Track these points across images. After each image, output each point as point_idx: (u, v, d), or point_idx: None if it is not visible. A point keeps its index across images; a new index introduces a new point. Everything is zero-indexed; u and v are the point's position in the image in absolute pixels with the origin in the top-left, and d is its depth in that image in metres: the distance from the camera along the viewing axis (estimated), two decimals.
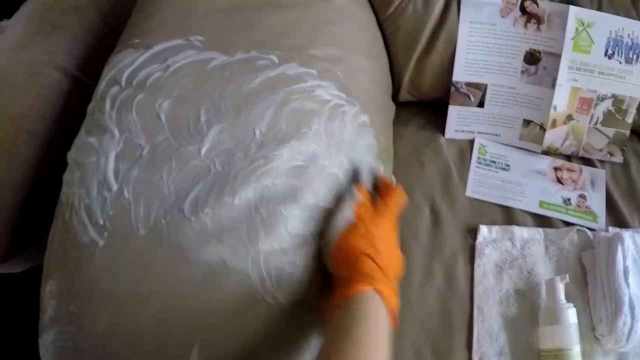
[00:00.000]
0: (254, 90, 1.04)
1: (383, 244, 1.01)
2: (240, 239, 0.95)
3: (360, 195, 1.06)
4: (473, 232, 1.39)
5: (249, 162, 0.98)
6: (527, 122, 1.52)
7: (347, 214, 1.04)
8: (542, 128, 1.51)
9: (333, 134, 1.09)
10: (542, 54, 1.47)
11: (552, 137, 1.52)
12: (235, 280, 0.95)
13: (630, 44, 1.47)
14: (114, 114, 0.99)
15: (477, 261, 1.36)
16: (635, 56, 1.48)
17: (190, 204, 0.93)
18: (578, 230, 1.39)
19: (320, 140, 1.06)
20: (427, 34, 1.46)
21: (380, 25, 1.48)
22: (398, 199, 1.10)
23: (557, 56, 1.45)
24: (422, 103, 1.59)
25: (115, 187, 0.93)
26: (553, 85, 1.47)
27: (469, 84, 1.49)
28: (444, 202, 1.44)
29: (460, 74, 1.48)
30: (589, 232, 1.39)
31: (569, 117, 1.51)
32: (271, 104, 1.03)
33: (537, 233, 1.41)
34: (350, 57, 1.25)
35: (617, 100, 1.50)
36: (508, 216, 1.44)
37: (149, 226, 0.92)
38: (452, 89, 1.50)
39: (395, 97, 1.55)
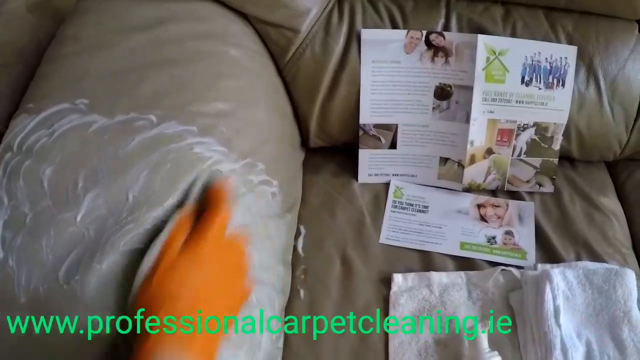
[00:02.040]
0: (131, 152, 0.88)
1: (195, 278, 0.75)
2: (107, 307, 0.80)
3: (177, 217, 0.82)
4: (387, 282, 1.11)
5: (119, 227, 0.83)
6: (444, 160, 1.22)
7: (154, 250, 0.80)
8: (461, 165, 1.21)
9: None
10: (453, 88, 1.17)
11: (473, 174, 1.22)
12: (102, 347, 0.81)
13: (549, 68, 1.18)
14: (4, 181, 0.88)
15: (392, 312, 1.08)
16: (555, 80, 1.19)
17: (65, 272, 0.81)
18: (503, 270, 1.10)
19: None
20: (329, 77, 1.17)
21: (280, 72, 1.20)
22: (223, 208, 0.83)
23: (470, 89, 1.15)
24: (334, 148, 1.30)
25: (1, 255, 0.83)
26: (468, 120, 1.17)
27: (377, 126, 1.20)
28: (357, 252, 1.15)
29: (367, 117, 1.19)
30: (515, 272, 1.10)
31: (489, 151, 1.21)
32: (147, 166, 0.88)
33: (459, 277, 1.11)
34: (240, 110, 1.04)
35: (541, 128, 1.20)
36: (426, 262, 1.15)
37: (29, 294, 0.81)
38: (361, 132, 1.20)
39: (305, 143, 1.28)
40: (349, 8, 1.18)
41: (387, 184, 1.24)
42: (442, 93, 1.17)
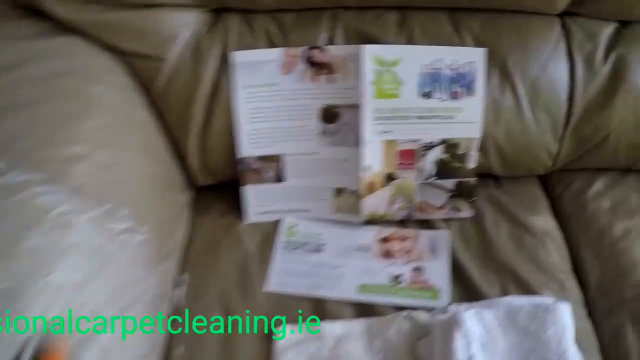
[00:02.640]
0: None
1: None
2: None
3: None
4: (272, 335, 0.91)
5: None
6: (339, 191, 1.01)
7: None
8: (357, 195, 1.01)
9: (57, 245, 0.77)
10: (340, 109, 0.97)
11: (373, 203, 1.01)
12: None
13: (452, 75, 0.97)
14: None
15: None
16: (462, 89, 0.99)
17: None
18: (406, 316, 0.91)
19: (42, 255, 0.75)
20: (201, 108, 0.98)
21: (153, 105, 1.01)
22: None
23: (359, 107, 0.96)
24: (225, 185, 1.09)
25: None
26: (359, 143, 0.99)
27: (260, 159, 1.00)
28: (240, 301, 0.95)
29: (246, 149, 0.99)
30: (423, 315, 0.90)
31: (390, 177, 1.01)
32: None
33: (356, 325, 0.91)
34: (97, 153, 0.89)
35: (450, 146, 0.99)
36: (319, 310, 0.94)
37: None
38: (242, 167, 1.01)
39: (192, 181, 1.08)
40: (223, 30, 0.99)
41: (278, 222, 1.05)
42: (329, 115, 0.97)
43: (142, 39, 0.96)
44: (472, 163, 1.00)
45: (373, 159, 0.98)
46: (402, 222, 1.04)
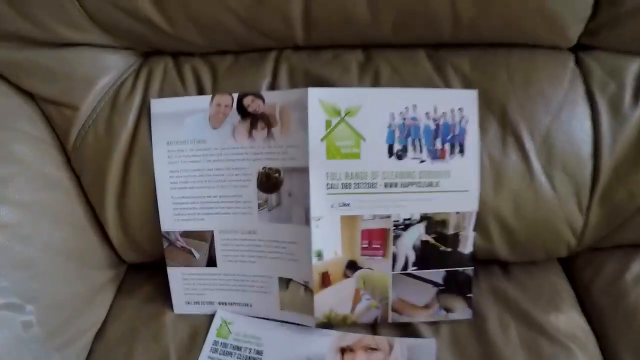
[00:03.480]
0: None
1: None
2: None
3: None
4: None
5: None
6: (285, 282, 0.55)
7: None
8: (308, 289, 0.54)
9: None
10: (282, 174, 0.53)
11: (330, 301, 0.53)
12: None
13: (433, 127, 0.53)
14: None
15: None
16: (448, 146, 0.53)
17: None
18: None
19: None
20: (117, 167, 0.56)
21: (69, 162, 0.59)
22: None
23: (305, 171, 0.52)
24: (158, 264, 0.62)
25: None
26: (308, 220, 0.53)
27: (186, 235, 0.56)
28: None
29: (169, 221, 0.55)
30: None
31: (353, 265, 0.53)
32: None
33: None
34: None
35: (435, 223, 0.52)
36: None
37: None
38: (166, 243, 0.56)
39: (120, 257, 0.63)
40: (147, 73, 0.58)
41: (212, 317, 0.57)
42: (269, 182, 0.52)
43: (54, 83, 0.56)
44: (467, 247, 0.53)
45: (328, 241, 0.52)
46: (372, 327, 0.55)
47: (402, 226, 0.52)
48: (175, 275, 0.57)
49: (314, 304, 0.53)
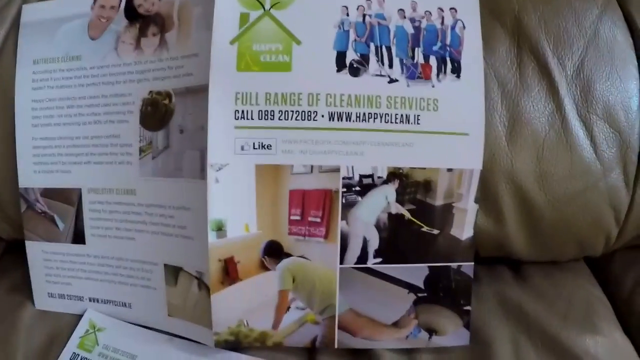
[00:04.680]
0: None
1: None
2: None
3: None
4: None
5: None
6: (173, 273, 0.21)
7: None
8: (203, 284, 0.20)
9: None
10: (173, 99, 0.21)
11: (238, 305, 0.19)
12: None
13: (411, 31, 0.21)
14: None
15: None
16: (437, 61, 0.21)
17: None
18: None
19: None
20: None
21: None
22: None
23: (205, 91, 0.18)
24: None
25: None
26: (204, 170, 0.18)
27: (50, 193, 0.24)
28: None
29: (28, 174, 0.23)
30: None
31: (276, 249, 0.19)
32: None
33: None
34: None
35: (412, 186, 0.18)
36: None
37: None
38: (24, 205, 0.25)
39: None
40: None
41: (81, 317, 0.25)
42: (156, 113, 0.20)
43: None
44: (464, 228, 0.20)
45: (234, 206, 0.19)
46: (309, 353, 0.21)
47: (358, 188, 0.20)
48: (35, 252, 0.24)
49: (211, 310, 0.20)
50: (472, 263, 0.21)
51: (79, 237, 0.24)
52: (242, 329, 0.20)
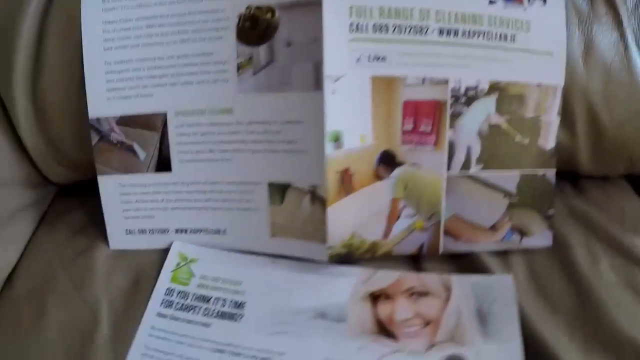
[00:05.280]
0: None
1: None
2: None
3: None
4: None
5: None
6: (280, 191, 0.25)
7: None
8: (318, 197, 0.26)
9: None
10: (277, 13, 0.23)
11: (353, 217, 0.23)
12: None
13: None
14: None
15: None
16: None
17: None
18: None
19: None
20: (30, 31, 0.25)
21: None
22: None
23: (317, 5, 0.23)
24: (94, 183, 0.30)
25: None
26: (319, 82, 0.23)
27: (125, 122, 0.26)
28: None
29: (100, 102, 0.25)
30: None
31: (389, 159, 0.24)
32: None
33: None
34: None
35: (508, 99, 0.25)
36: None
37: None
38: (95, 137, 0.26)
39: (46, 179, 0.31)
40: None
41: (166, 251, 0.27)
42: (256, 28, 0.24)
43: None
44: (549, 139, 0.26)
45: (351, 118, 0.23)
46: (414, 260, 0.26)
47: (464, 99, 0.25)
48: (110, 187, 0.26)
49: (327, 224, 0.24)
50: (555, 170, 0.26)
51: (163, 164, 0.26)
52: (354, 241, 0.24)
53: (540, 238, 0.26)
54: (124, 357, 0.23)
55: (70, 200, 0.32)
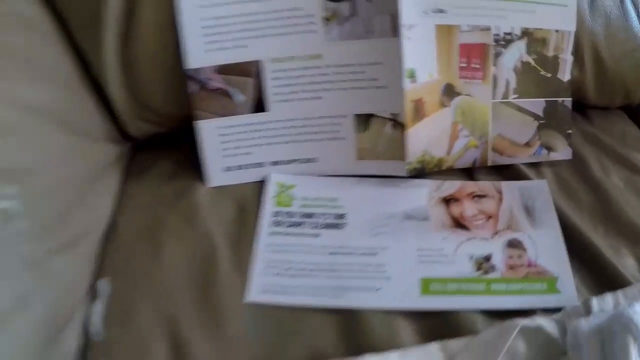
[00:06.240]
0: None
1: None
2: None
3: None
4: None
5: None
6: (365, 121, 0.38)
7: None
8: (398, 123, 0.40)
9: None
10: None
11: (424, 138, 0.38)
12: None
13: None
14: None
15: None
16: None
17: None
18: (519, 332, 0.28)
19: None
20: None
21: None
22: None
23: None
24: (175, 135, 0.43)
25: None
26: (395, 31, 0.39)
27: (223, 71, 0.37)
28: (200, 327, 0.31)
29: (198, 54, 0.36)
30: (547, 324, 0.28)
31: (450, 90, 0.39)
32: None
33: (430, 356, 0.29)
34: None
35: (535, 41, 0.42)
36: (352, 331, 0.31)
37: None
38: (193, 86, 0.38)
39: (124, 132, 0.42)
40: None
41: (263, 184, 0.39)
42: None
43: None
44: (565, 73, 0.41)
45: (420, 57, 0.37)
46: (468, 172, 0.41)
47: (503, 42, 0.39)
48: (209, 130, 0.38)
49: (406, 144, 0.37)
50: (571, 99, 0.41)
51: (259, 106, 0.37)
52: (426, 157, 0.37)
53: (563, 153, 0.42)
54: (248, 272, 0.34)
55: (149, 154, 0.43)
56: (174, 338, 0.32)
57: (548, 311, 0.32)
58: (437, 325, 0.33)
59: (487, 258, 0.35)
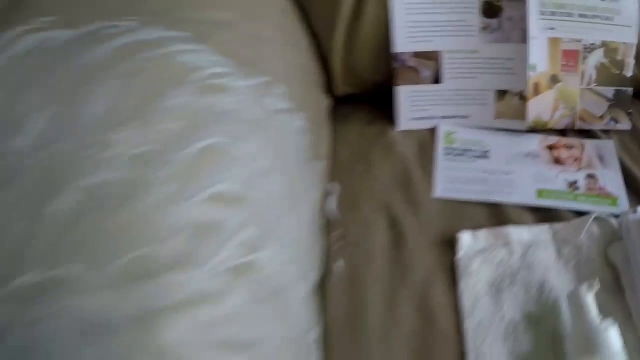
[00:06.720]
0: (97, 63, 0.46)
1: None
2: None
3: None
4: (450, 244, 0.57)
5: (75, 158, 0.40)
6: (501, 94, 0.69)
7: None
8: (522, 97, 0.69)
9: (210, 108, 0.46)
10: (502, 1, 0.68)
11: (538, 108, 0.68)
12: None
13: None
14: None
15: (463, 283, 0.54)
16: None
17: None
18: (597, 218, 0.59)
19: (191, 116, 0.45)
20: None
21: None
22: None
23: (523, 1, 0.68)
24: (365, 95, 0.75)
25: None
26: (525, 39, 0.68)
27: (416, 55, 0.68)
28: (405, 210, 0.61)
29: (402, 43, 0.67)
30: (611, 219, 0.59)
31: (554, 79, 0.69)
32: (117, 76, 0.46)
33: (543, 231, 0.59)
34: (243, 24, 0.57)
35: (610, 49, 0.71)
36: (497, 215, 0.61)
37: None
38: (396, 64, 0.69)
39: (330, 91, 0.73)
40: None
41: (434, 130, 0.70)
42: (491, 9, 0.67)
43: None
44: (629, 70, 0.71)
45: (538, 57, 0.67)
46: (562, 133, 0.71)
47: (588, 49, 0.69)
48: (403, 92, 0.69)
49: (527, 110, 0.68)
50: (632, 88, 0.71)
51: (436, 80, 0.67)
52: (537, 120, 0.67)
53: (624, 124, 0.71)
54: (432, 180, 0.63)
55: (347, 108, 0.73)
56: (389, 216, 0.61)
57: (612, 215, 0.62)
58: (546, 216, 0.62)
59: (574, 181, 0.65)
